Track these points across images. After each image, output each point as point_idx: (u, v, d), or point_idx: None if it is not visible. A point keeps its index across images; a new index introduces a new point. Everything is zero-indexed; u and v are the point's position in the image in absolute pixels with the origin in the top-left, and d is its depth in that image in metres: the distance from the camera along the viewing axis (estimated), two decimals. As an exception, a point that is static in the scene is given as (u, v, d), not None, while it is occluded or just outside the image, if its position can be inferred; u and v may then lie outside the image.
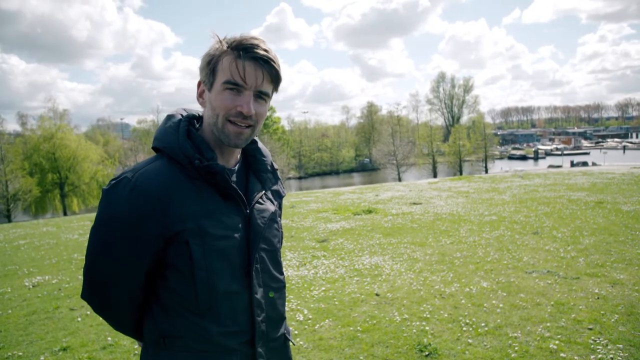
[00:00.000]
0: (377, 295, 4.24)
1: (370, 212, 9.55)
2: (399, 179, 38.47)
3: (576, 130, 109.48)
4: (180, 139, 1.04)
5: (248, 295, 1.08)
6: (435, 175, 44.48)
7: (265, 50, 1.03)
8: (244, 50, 1.01)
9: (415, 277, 4.70)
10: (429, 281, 4.54)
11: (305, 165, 62.18)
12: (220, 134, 1.06)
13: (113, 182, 1.01)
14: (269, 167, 1.21)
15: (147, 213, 0.98)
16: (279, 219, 1.23)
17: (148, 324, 1.09)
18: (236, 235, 1.06)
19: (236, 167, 1.14)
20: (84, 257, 6.67)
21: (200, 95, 1.11)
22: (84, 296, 1.09)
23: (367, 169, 61.63)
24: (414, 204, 10.67)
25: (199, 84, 1.10)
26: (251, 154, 1.19)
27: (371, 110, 67.88)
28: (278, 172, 1.28)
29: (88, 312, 4.23)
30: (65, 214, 31.73)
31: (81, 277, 5.56)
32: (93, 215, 16.24)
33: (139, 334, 1.16)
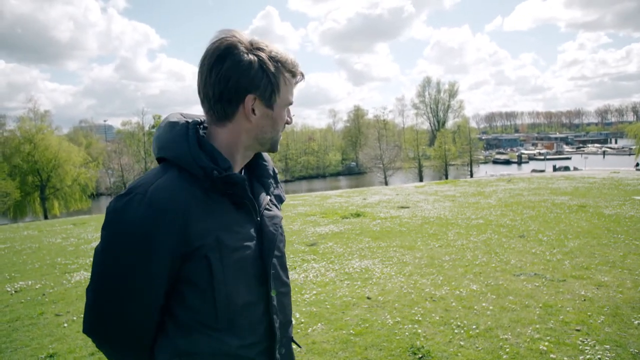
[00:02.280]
0: (368, 298, 4.25)
1: (358, 215, 9.57)
2: (386, 183, 38.69)
3: (558, 135, 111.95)
4: (192, 148, 0.99)
5: (264, 305, 1.07)
6: (421, 179, 44.85)
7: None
8: (302, 75, 1.10)
9: (405, 281, 4.73)
10: (419, 284, 4.57)
11: (292, 169, 62.10)
12: (274, 145, 1.10)
13: (122, 200, 0.94)
14: (271, 172, 1.20)
15: (167, 231, 0.92)
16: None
17: (161, 344, 1.02)
18: (251, 244, 1.05)
19: (242, 174, 1.12)
20: (67, 262, 6.61)
21: (252, 111, 1.03)
22: (89, 332, 1.00)
23: (353, 173, 61.83)
24: (402, 207, 10.72)
25: (248, 99, 1.02)
26: (253, 159, 1.17)
27: (358, 114, 68.25)
28: (277, 177, 1.27)
29: (74, 318, 4.14)
30: (46, 217, 31.01)
31: (65, 282, 5.45)
32: (76, 218, 15.91)
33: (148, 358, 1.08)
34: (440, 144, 48.94)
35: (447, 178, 42.33)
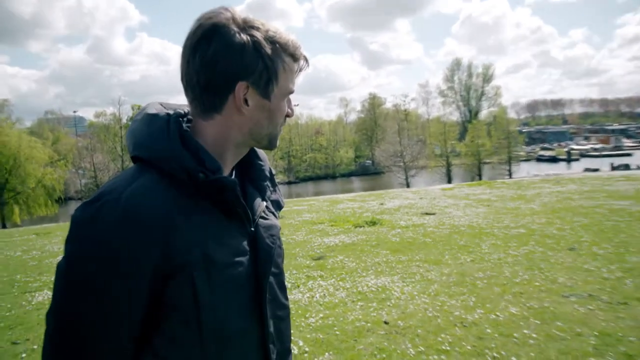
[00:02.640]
0: (385, 323, 4.23)
1: (374, 223, 9.57)
2: (407, 185, 38.65)
3: (616, 127, 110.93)
4: (174, 146, 0.97)
5: (259, 331, 1.06)
6: (449, 181, 44.74)
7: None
8: (305, 60, 1.09)
9: (430, 302, 4.70)
10: (447, 306, 4.54)
11: (296, 168, 62.34)
12: (273, 140, 1.10)
13: (89, 208, 0.91)
14: (267, 174, 1.19)
15: (145, 247, 0.89)
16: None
17: None
18: (244, 260, 1.03)
19: (233, 176, 1.11)
20: (28, 279, 6.66)
21: (245, 101, 1.02)
22: None
23: (369, 173, 61.88)
24: (426, 214, 10.70)
25: (239, 87, 1.01)
26: (246, 158, 1.15)
27: (374, 103, 68.38)
28: (275, 179, 1.26)
29: (35, 347, 4.16)
30: (4, 226, 31.39)
31: (25, 303, 5.50)
32: (39, 227, 16.09)
33: None
34: (473, 138, 48.83)
35: (480, 179, 42.18)
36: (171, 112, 1.06)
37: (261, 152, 1.20)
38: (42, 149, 34.84)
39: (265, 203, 1.14)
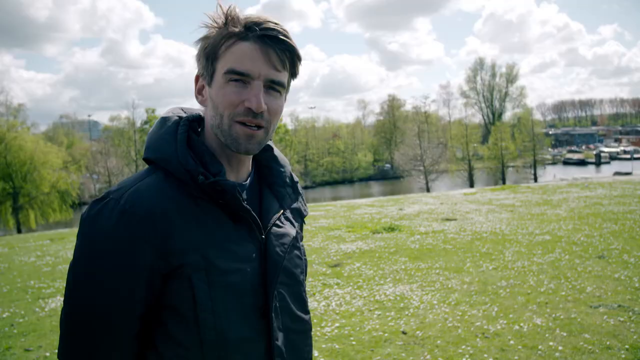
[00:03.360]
0: (404, 333, 4.21)
1: (392, 229, 9.55)
2: (427, 189, 38.39)
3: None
4: (179, 148, 1.01)
5: (265, 343, 1.06)
6: (472, 185, 44.31)
7: (276, 24, 0.99)
8: (248, 29, 0.98)
9: (450, 312, 4.67)
10: (468, 316, 4.51)
11: (313, 172, 62.39)
12: (227, 139, 1.02)
13: (96, 205, 0.98)
14: (288, 180, 1.19)
15: (141, 243, 0.95)
16: (301, 244, 1.20)
17: None
18: (249, 267, 1.04)
19: (248, 181, 1.12)
20: (42, 285, 6.78)
21: (199, 92, 1.08)
22: (63, 356, 1.03)
23: (388, 177, 61.64)
24: (447, 220, 10.63)
25: (196, 79, 1.08)
26: (265, 163, 1.17)
27: (393, 105, 68.12)
28: (299, 186, 1.25)
29: (47, 354, 4.23)
30: (19, 231, 32.05)
31: (38, 310, 5.59)
32: (54, 232, 16.42)
33: None
34: (496, 141, 48.30)
35: (504, 183, 41.69)
36: (185, 115, 1.10)
37: (282, 158, 1.20)
38: (56, 154, 35.53)
39: (282, 210, 1.14)
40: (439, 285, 5.58)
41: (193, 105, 1.16)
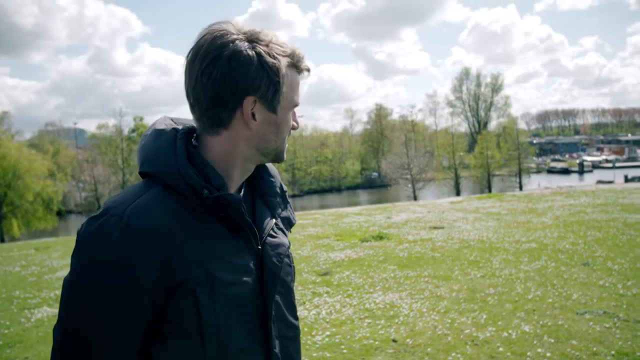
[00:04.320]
0: (394, 341, 4.21)
1: (381, 238, 9.55)
2: (415, 198, 38.57)
3: (630, 137, 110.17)
4: (179, 161, 1.00)
5: (264, 352, 1.07)
6: (458, 193, 44.63)
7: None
8: (308, 71, 1.11)
9: (440, 319, 4.68)
10: (458, 324, 4.52)
11: (301, 181, 62.38)
12: (280, 154, 1.13)
13: (94, 223, 0.95)
14: (278, 190, 1.21)
15: (144, 261, 0.93)
16: (290, 252, 1.21)
17: None
18: (248, 278, 1.04)
19: (242, 193, 1.13)
20: (28, 295, 6.67)
21: (252, 115, 1.04)
22: None
23: (375, 186, 61.85)
24: (435, 228, 10.67)
25: (247, 102, 1.03)
26: (256, 174, 1.17)
27: (380, 114, 68.56)
28: (287, 194, 1.27)
29: (34, 364, 4.16)
30: (2, 240, 31.53)
31: (24, 320, 5.50)
32: (39, 242, 16.15)
33: None
34: (482, 150, 48.77)
35: (490, 191, 42.06)
36: (180, 127, 1.08)
37: (272, 168, 1.21)
38: (41, 162, 35.13)
39: (274, 220, 1.15)
40: (428, 293, 5.59)
41: (181, 114, 1.17)
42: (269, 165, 1.21)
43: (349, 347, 4.12)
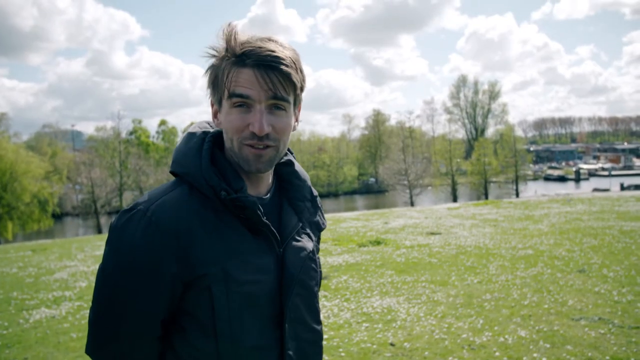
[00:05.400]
0: (391, 345, 4.24)
1: (378, 243, 9.59)
2: (412, 204, 38.60)
3: (626, 146, 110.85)
4: (203, 164, 1.05)
5: (278, 352, 1.10)
6: (455, 200, 44.69)
7: (272, 50, 1.02)
8: (246, 56, 1.01)
9: (437, 324, 4.71)
10: (455, 328, 4.55)
11: (297, 185, 62.19)
12: (240, 160, 1.06)
13: (124, 215, 1.03)
14: (307, 195, 1.23)
15: (165, 253, 0.99)
16: (317, 256, 1.23)
17: None
18: (267, 279, 1.08)
19: (268, 196, 1.15)
20: (25, 296, 6.67)
21: (214, 116, 1.13)
22: (89, 351, 1.09)
23: (372, 191, 61.89)
24: (432, 234, 10.71)
25: (211, 104, 1.13)
26: (286, 178, 1.20)
27: (378, 120, 68.62)
28: (318, 200, 1.29)
29: (33, 365, 4.17)
30: (-2, 242, 31.37)
31: (22, 321, 5.51)
32: (35, 243, 16.12)
33: None
34: (479, 157, 48.82)
35: (487, 198, 42.13)
36: (211, 130, 1.14)
37: (302, 172, 1.23)
38: (38, 164, 34.94)
39: (301, 224, 1.18)
40: (425, 298, 5.63)
41: (177, 117, 1.24)
42: (299, 169, 1.23)
43: (347, 351, 4.15)
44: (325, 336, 4.53)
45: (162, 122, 60.62)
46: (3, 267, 9.63)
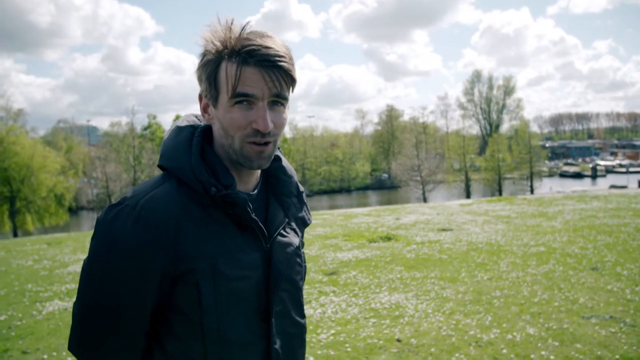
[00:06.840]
0: (398, 341, 4.24)
1: (389, 239, 9.57)
2: (424, 200, 38.46)
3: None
4: (193, 159, 1.05)
5: (264, 346, 1.10)
6: (468, 196, 44.41)
7: (273, 47, 1.00)
8: (247, 54, 0.99)
9: (445, 320, 4.70)
10: (462, 325, 4.53)
11: (311, 181, 62.39)
12: (240, 157, 1.05)
13: (112, 211, 1.01)
14: (294, 190, 1.23)
15: (153, 249, 0.99)
16: (302, 251, 1.24)
17: None
18: (254, 274, 1.08)
19: (255, 191, 1.15)
20: (39, 289, 6.79)
21: (204, 110, 1.11)
22: (72, 348, 1.08)
23: (385, 187, 61.74)
24: (443, 230, 10.66)
25: (200, 97, 1.11)
26: (273, 173, 1.20)
27: (391, 116, 68.39)
28: (304, 195, 1.29)
29: (45, 357, 4.25)
30: (15, 234, 31.94)
31: (36, 313, 5.61)
32: (50, 237, 16.39)
33: None
34: (493, 153, 48.41)
35: (500, 194, 41.78)
36: (201, 124, 1.13)
37: (289, 168, 1.24)
38: (54, 159, 35.45)
39: (287, 220, 1.18)
40: (434, 295, 5.61)
41: (196, 111, 1.18)
42: (286, 165, 1.23)
43: (353, 346, 4.16)
44: (332, 331, 4.54)
45: (177, 117, 60.79)
46: (19, 259, 9.80)
